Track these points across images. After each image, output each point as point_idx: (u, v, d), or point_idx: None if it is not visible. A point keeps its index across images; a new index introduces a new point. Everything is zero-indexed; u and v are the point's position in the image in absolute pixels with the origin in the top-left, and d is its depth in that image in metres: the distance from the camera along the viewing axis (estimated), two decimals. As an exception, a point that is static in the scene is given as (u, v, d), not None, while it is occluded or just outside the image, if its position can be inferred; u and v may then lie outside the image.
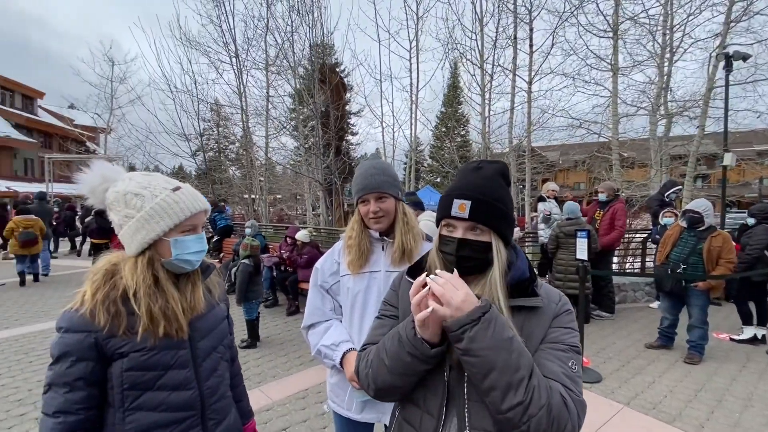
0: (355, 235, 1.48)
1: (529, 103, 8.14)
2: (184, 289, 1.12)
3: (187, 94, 10.81)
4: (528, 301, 0.94)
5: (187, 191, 1.11)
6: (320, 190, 9.79)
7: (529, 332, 0.93)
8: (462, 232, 0.96)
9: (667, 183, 6.51)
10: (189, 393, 1.09)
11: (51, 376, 1.00)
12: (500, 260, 0.95)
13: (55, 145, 29.11)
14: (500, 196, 0.98)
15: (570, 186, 35.69)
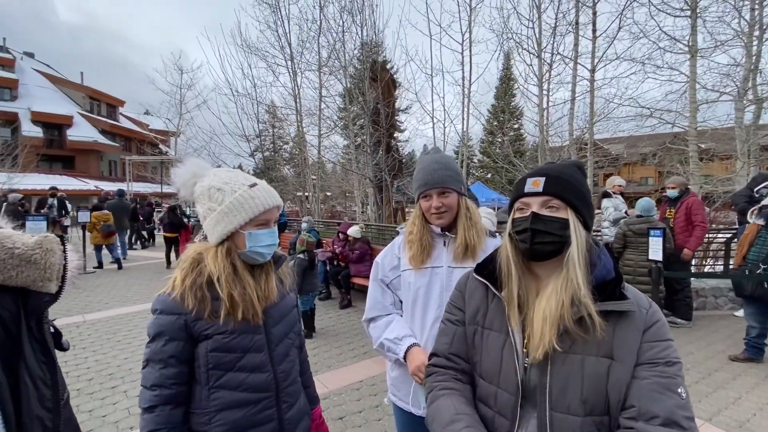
0: (416, 230, 1.47)
1: (592, 92, 7.58)
2: (259, 278, 1.20)
3: (247, 97, 11.48)
4: (618, 305, 0.85)
5: (262, 188, 1.19)
6: (370, 187, 9.92)
7: (622, 342, 0.84)
8: (536, 207, 0.92)
9: (757, 177, 5.75)
10: (265, 375, 1.16)
11: (148, 353, 1.11)
12: (579, 239, 0.88)
13: (134, 148, 32.34)
14: (577, 178, 0.94)
15: (636, 181, 32.90)
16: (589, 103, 7.75)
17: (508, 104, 22.07)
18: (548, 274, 0.94)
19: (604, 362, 0.82)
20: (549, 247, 0.90)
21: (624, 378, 0.81)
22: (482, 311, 1.02)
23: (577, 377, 0.83)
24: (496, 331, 0.98)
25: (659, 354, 0.82)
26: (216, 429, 1.10)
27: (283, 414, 1.19)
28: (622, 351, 0.82)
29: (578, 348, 0.85)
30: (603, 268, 0.90)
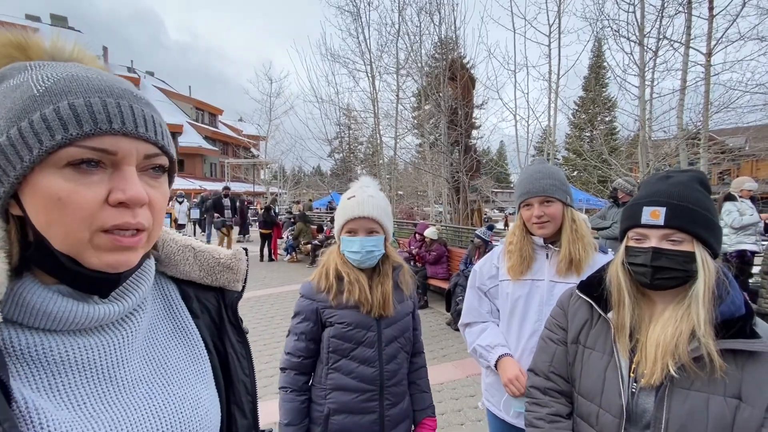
0: (516, 240, 1.45)
1: (708, 79, 6.56)
2: (375, 281, 1.33)
3: (330, 103, 12.16)
4: (748, 344, 0.79)
5: (354, 200, 1.31)
6: (447, 187, 9.85)
7: (753, 384, 0.79)
8: (656, 241, 0.88)
9: None
10: (372, 370, 1.29)
11: (291, 326, 1.35)
12: (707, 274, 0.84)
13: (230, 152, 36.20)
14: (701, 201, 0.87)
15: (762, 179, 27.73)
16: (703, 92, 6.74)
17: (599, 95, 20.14)
18: (667, 302, 0.90)
19: (731, 403, 0.79)
20: (672, 282, 0.86)
21: (753, 422, 0.77)
22: (585, 330, 1.01)
23: (701, 416, 0.80)
24: (599, 352, 0.96)
25: None
26: (330, 404, 1.27)
27: (385, 410, 1.30)
28: (752, 393, 0.78)
29: (702, 386, 0.81)
30: (732, 304, 0.84)
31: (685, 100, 6.81)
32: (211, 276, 0.64)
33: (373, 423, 1.28)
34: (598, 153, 9.36)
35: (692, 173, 0.93)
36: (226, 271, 0.65)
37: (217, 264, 0.65)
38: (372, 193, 1.34)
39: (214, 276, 0.65)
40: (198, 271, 0.63)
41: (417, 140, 14.16)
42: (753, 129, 8.54)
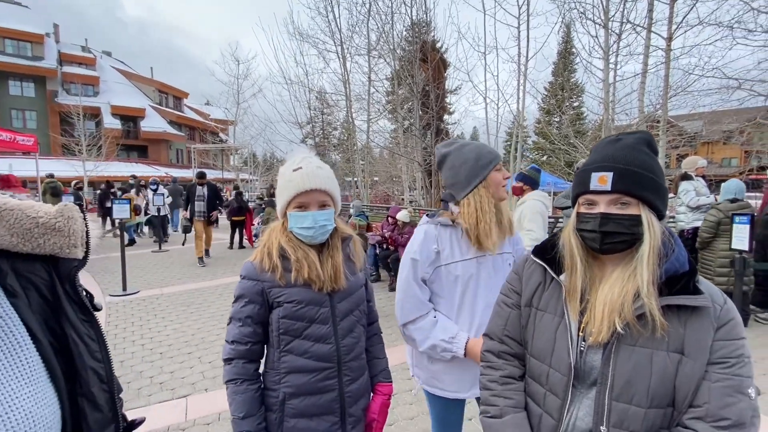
0: (489, 208, 1.43)
1: (668, 63, 6.80)
2: (325, 255, 1.27)
3: (299, 84, 11.81)
4: (691, 299, 0.82)
5: (303, 172, 1.22)
6: (419, 171, 9.86)
7: (695, 338, 0.82)
8: (605, 206, 0.88)
9: None
10: (328, 347, 1.24)
11: (232, 311, 1.26)
12: (652, 235, 0.85)
13: (197, 137, 34.72)
14: (647, 164, 0.88)
15: (717, 162, 29.45)
16: (663, 76, 6.99)
17: (567, 80, 20.57)
18: (615, 263, 0.92)
19: (674, 357, 0.82)
20: (621, 246, 0.88)
21: (695, 374, 0.80)
22: (538, 293, 1.03)
23: (645, 371, 0.83)
24: (550, 313, 0.98)
25: (733, 353, 0.81)
26: (285, 389, 1.22)
27: (344, 387, 1.26)
28: (693, 347, 0.81)
29: (647, 342, 0.84)
30: (676, 260, 0.86)
31: (646, 83, 7.04)
32: (31, 242, 0.52)
33: (333, 401, 1.25)
34: (565, 135, 9.60)
35: (640, 135, 0.93)
36: (52, 235, 0.53)
37: (35, 226, 0.52)
38: (319, 164, 1.27)
39: (34, 242, 0.52)
40: (8, 237, 0.50)
41: (391, 125, 14.07)
42: (708, 114, 8.96)
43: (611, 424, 0.85)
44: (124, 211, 6.24)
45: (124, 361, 3.75)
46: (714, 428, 0.77)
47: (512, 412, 1.01)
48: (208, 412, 2.89)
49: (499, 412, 1.03)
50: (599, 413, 0.87)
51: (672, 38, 7.01)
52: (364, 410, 1.35)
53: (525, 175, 4.03)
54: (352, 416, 1.28)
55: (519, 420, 1.00)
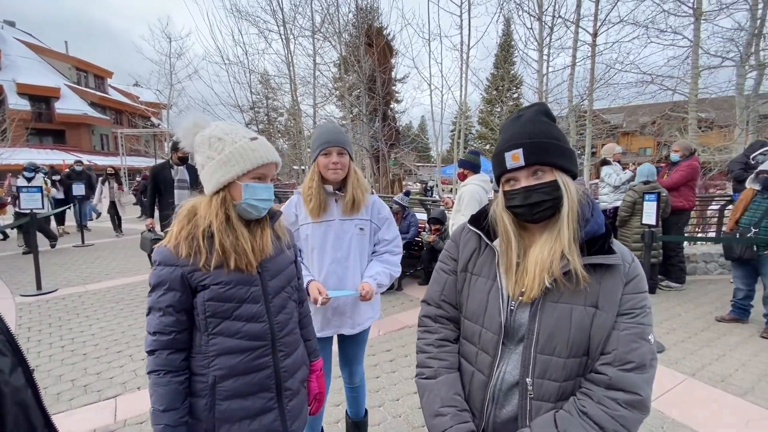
0: (315, 185, 1.74)
1: (593, 57, 7.39)
2: (254, 231, 1.22)
3: (239, 65, 11.14)
4: (605, 258, 0.91)
5: (262, 142, 1.20)
6: (367, 157, 9.84)
7: (607, 293, 0.91)
8: (525, 180, 0.94)
9: (755, 143, 5.76)
10: (261, 325, 1.20)
11: (149, 301, 1.15)
12: (569, 197, 0.92)
13: (125, 121, 31.71)
14: (549, 132, 0.94)
15: (634, 152, 32.74)
16: (589, 68, 7.58)
17: (507, 72, 21.53)
18: (542, 228, 0.98)
19: (590, 311, 0.90)
20: (548, 212, 0.94)
21: (606, 325, 0.89)
22: (473, 259, 1.08)
23: (565, 324, 0.90)
24: (484, 277, 1.04)
25: (637, 305, 0.91)
26: (215, 372, 1.15)
27: (279, 362, 1.24)
28: (606, 301, 0.90)
29: (567, 298, 0.91)
30: (594, 223, 0.94)
31: (574, 75, 7.59)
32: None
33: (268, 378, 1.22)
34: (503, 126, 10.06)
35: (536, 107, 1.00)
36: None
37: None
38: (258, 135, 1.24)
39: None
40: None
41: (339, 112, 13.83)
42: (628, 108, 9.89)
43: (536, 375, 0.92)
44: (34, 200, 5.55)
45: (39, 365, 3.37)
46: (621, 371, 0.86)
47: (445, 373, 1.06)
48: (141, 411, 2.70)
49: (433, 374, 1.08)
50: (525, 366, 0.94)
51: (597, 34, 7.60)
52: (302, 382, 1.34)
53: (464, 161, 4.17)
54: (289, 389, 1.27)
55: (451, 380, 1.06)
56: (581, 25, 7.42)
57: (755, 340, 3.71)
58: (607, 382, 0.87)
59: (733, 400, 2.77)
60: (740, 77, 8.29)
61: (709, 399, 2.78)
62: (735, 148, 7.95)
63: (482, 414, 1.01)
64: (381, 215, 1.91)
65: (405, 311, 4.55)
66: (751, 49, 8.20)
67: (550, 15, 7.38)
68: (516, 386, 0.96)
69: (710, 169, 8.54)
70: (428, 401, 1.05)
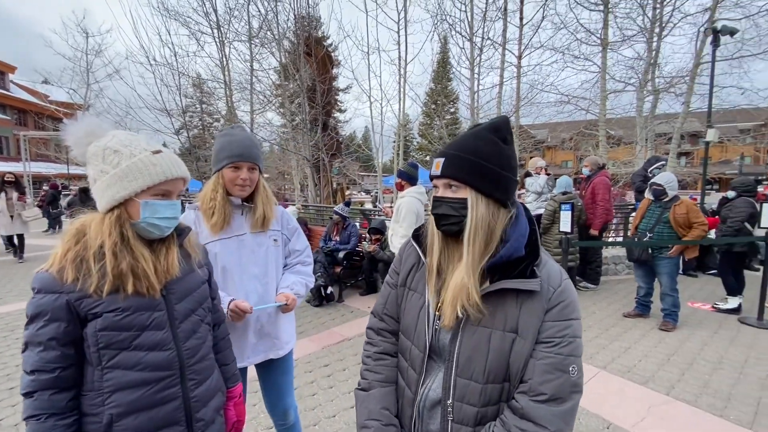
0: (220, 198, 1.58)
1: (519, 77, 8.07)
2: (158, 251, 1.11)
3: (167, 67, 10.39)
4: (522, 283, 0.85)
5: (166, 156, 1.10)
6: (308, 167, 9.67)
7: (527, 319, 0.87)
8: (441, 190, 0.93)
9: (651, 158, 6.62)
10: (166, 353, 1.09)
11: (26, 335, 0.99)
12: (474, 218, 0.88)
13: (31, 122, 28.02)
14: (480, 150, 0.89)
15: (557, 164, 35.98)
16: (515, 87, 8.22)
17: (444, 88, 22.60)
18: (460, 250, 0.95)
19: (509, 337, 0.87)
20: (453, 228, 0.91)
21: (524, 352, 0.86)
22: (412, 274, 1.07)
23: (483, 349, 0.88)
24: (418, 293, 1.03)
25: (557, 333, 0.86)
26: (111, 410, 1.02)
27: (189, 392, 1.14)
28: (525, 327, 0.86)
29: (488, 321, 0.89)
30: (511, 247, 0.88)
31: (502, 93, 8.19)
32: None
33: (176, 410, 1.11)
34: (439, 137, 10.55)
35: (491, 121, 0.95)
36: None
37: None
38: (162, 148, 1.13)
39: None
40: None
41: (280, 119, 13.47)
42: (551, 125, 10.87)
43: (455, 398, 0.91)
44: None
45: None
46: (533, 401, 0.84)
47: (378, 386, 1.06)
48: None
49: (367, 386, 1.08)
50: (446, 388, 0.92)
51: (521, 56, 8.29)
52: (218, 411, 1.24)
53: (402, 172, 4.28)
54: (201, 420, 1.16)
55: (383, 393, 1.05)
56: (507, 47, 8.10)
57: (655, 333, 4.21)
58: (521, 412, 0.85)
59: (636, 388, 3.09)
60: (639, 100, 9.52)
61: (617, 389, 3.08)
62: (637, 162, 9.06)
63: (411, 430, 1.01)
64: (291, 225, 1.83)
65: (345, 323, 4.49)
66: (648, 76, 9.46)
67: (480, 36, 7.96)
68: (439, 404, 0.95)
69: (618, 181, 9.66)
70: (359, 412, 1.06)
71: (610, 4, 9.00)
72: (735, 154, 23.87)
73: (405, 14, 8.78)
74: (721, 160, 27.62)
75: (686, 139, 11.99)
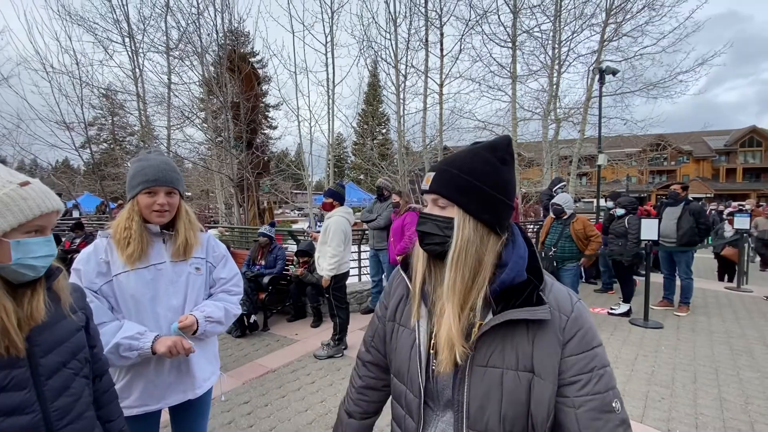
0: (136, 227, 1.47)
1: (441, 104, 8.65)
2: (21, 297, 0.96)
3: (66, 75, 9.27)
4: (530, 312, 0.73)
5: (37, 187, 0.97)
6: (232, 186, 9.18)
7: (542, 355, 0.74)
8: (430, 206, 0.85)
9: (555, 180, 7.43)
10: (29, 417, 0.93)
11: None
12: (458, 239, 0.78)
13: None
14: (475, 169, 0.80)
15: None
16: (438, 113, 8.77)
17: (376, 110, 23.29)
18: None
19: (524, 377, 0.74)
20: (437, 248, 0.81)
21: (546, 395, 0.74)
22: (401, 307, 0.97)
23: (496, 394, 0.75)
24: (408, 329, 0.91)
25: (585, 369, 0.75)
26: None
27: None
28: (542, 365, 0.74)
29: (497, 360, 0.76)
30: (510, 270, 0.77)
31: (426, 118, 8.66)
32: None
33: None
34: (369, 157, 10.80)
35: (493, 140, 0.86)
36: None
37: None
38: (28, 178, 0.99)
39: None
40: None
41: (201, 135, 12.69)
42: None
43: None
44: None
45: None
46: None
47: (358, 418, 1.07)
48: None
49: (349, 411, 1.09)
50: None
51: (443, 84, 8.89)
52: None
53: (332, 191, 4.29)
54: None
55: (360, 426, 1.07)
56: (430, 75, 8.66)
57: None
58: None
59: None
60: (544, 128, 10.71)
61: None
62: (545, 182, 10.11)
63: None
64: (216, 253, 1.72)
65: (270, 353, 4.24)
66: (550, 107, 10.70)
67: (404, 64, 8.40)
68: None
69: (530, 198, 10.68)
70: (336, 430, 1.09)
71: (518, 42, 10.12)
72: (623, 174, 27.92)
73: (332, 38, 8.98)
74: (613, 179, 32.15)
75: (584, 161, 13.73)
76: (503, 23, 9.99)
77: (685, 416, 2.97)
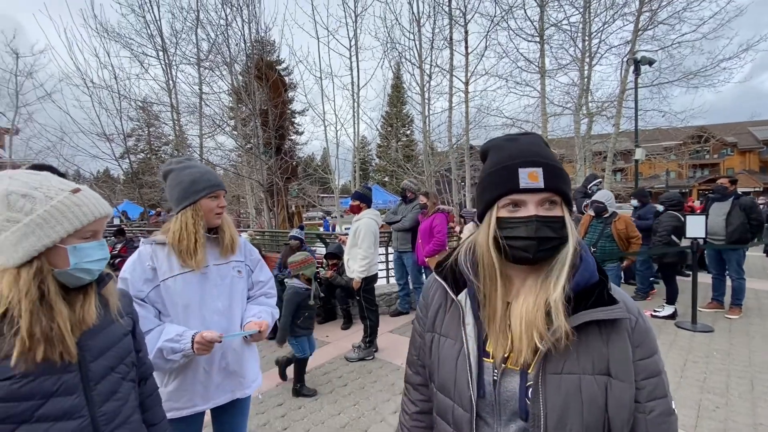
0: (202, 231, 1.53)
1: (467, 102, 8.50)
2: (74, 301, 0.99)
3: (106, 89, 9.82)
4: (609, 311, 0.71)
5: (88, 194, 1.01)
6: (262, 191, 9.41)
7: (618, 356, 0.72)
8: (534, 208, 0.74)
9: (589, 176, 7.12)
10: (78, 422, 0.95)
11: None
12: (574, 238, 0.75)
13: (-55, 149, 25.11)
14: (557, 160, 0.78)
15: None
16: (464, 112, 8.63)
17: (400, 112, 23.29)
18: (524, 277, 0.79)
19: (601, 381, 0.71)
20: (551, 252, 0.74)
21: (626, 398, 0.71)
22: (440, 316, 0.90)
23: (575, 402, 0.70)
24: (452, 339, 0.85)
25: (652, 374, 0.74)
26: None
27: None
28: (619, 367, 0.72)
29: (572, 365, 0.71)
30: (585, 270, 0.74)
31: (452, 117, 8.56)
32: None
33: None
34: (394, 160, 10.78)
35: (533, 135, 0.83)
36: None
37: None
38: (77, 185, 1.03)
39: None
40: None
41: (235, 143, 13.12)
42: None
43: None
44: None
45: None
46: None
47: None
48: None
49: None
50: None
51: (468, 83, 8.74)
52: None
53: (360, 194, 4.30)
54: None
55: None
56: (455, 74, 8.56)
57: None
58: None
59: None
60: (576, 123, 10.33)
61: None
62: (577, 179, 9.74)
63: None
64: (253, 256, 1.78)
65: (302, 355, 4.29)
66: (582, 101, 10.31)
67: (429, 64, 8.34)
68: None
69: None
70: None
71: (545, 36, 9.82)
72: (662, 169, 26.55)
73: (356, 42, 9.04)
74: (650, 175, 30.59)
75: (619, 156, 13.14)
76: (530, 17, 9.74)
77: (743, 427, 2.75)
